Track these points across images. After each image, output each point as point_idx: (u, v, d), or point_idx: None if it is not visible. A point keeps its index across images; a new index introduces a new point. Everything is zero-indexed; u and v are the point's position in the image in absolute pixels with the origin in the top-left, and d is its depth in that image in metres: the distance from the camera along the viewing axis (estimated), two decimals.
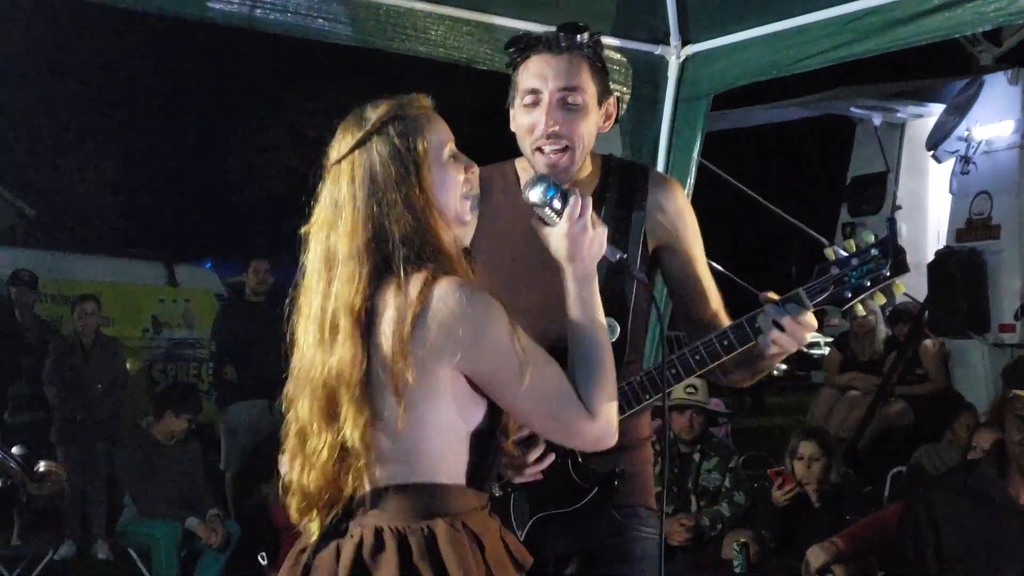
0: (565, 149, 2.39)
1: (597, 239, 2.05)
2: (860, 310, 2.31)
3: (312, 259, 1.97)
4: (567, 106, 2.37)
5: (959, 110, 8.33)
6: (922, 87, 9.18)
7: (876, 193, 9.43)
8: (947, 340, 7.80)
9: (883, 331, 7.82)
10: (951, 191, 8.42)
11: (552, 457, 2.36)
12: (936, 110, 8.81)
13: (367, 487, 1.93)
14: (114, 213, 20.57)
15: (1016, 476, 3.09)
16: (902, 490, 5.87)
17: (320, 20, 3.17)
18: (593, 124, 2.43)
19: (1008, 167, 8.04)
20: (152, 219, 19.94)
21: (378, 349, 1.87)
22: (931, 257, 8.16)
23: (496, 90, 2.59)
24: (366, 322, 1.88)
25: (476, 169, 2.06)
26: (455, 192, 1.99)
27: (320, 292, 1.93)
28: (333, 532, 1.93)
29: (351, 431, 1.86)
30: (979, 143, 8.16)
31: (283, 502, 2.00)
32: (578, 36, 2.40)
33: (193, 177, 20.42)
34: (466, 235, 2.43)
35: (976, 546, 3.10)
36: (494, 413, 1.95)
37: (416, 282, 1.86)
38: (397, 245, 1.89)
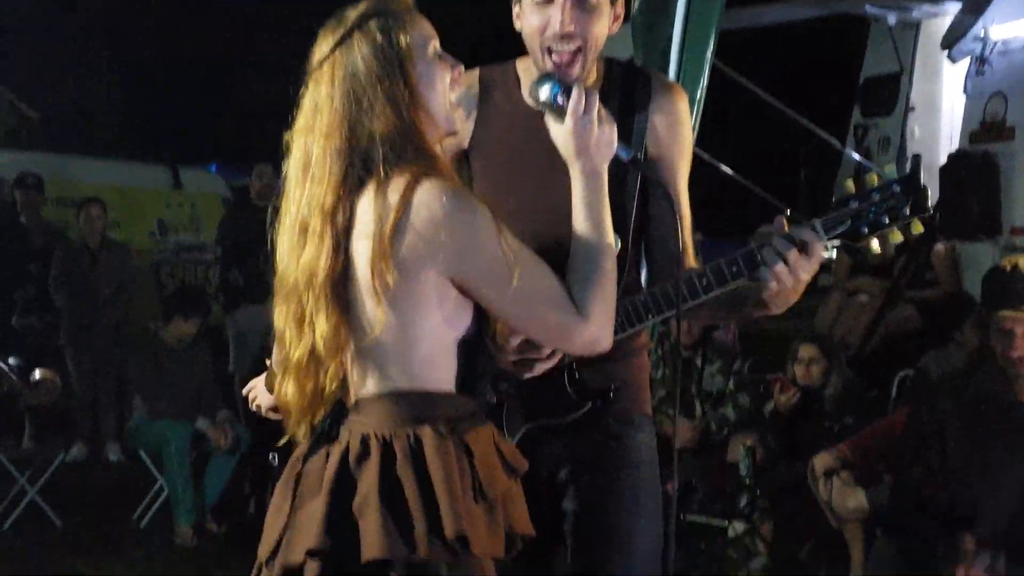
0: (577, 52, 2.30)
1: (605, 136, 1.99)
2: (875, 247, 2.25)
3: (292, 166, 1.93)
4: (582, 5, 2.28)
5: (975, 9, 8.21)
6: None
7: (889, 94, 9.33)
8: (958, 243, 7.76)
9: None
10: (965, 92, 8.32)
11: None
12: (952, 9, 8.66)
13: (356, 394, 1.92)
14: (118, 115, 20.44)
15: (1012, 378, 3.09)
16: (909, 394, 5.90)
17: None
18: (605, 26, 2.34)
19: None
20: (156, 122, 19.80)
21: (358, 254, 1.84)
22: (944, 160, 8.10)
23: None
24: (343, 224, 1.84)
25: (463, 70, 2.00)
26: (442, 90, 1.94)
27: (295, 199, 1.90)
28: (324, 438, 1.93)
29: (317, 334, 1.86)
30: (995, 43, 8.05)
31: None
32: None
33: (197, 80, 20.24)
34: (462, 139, 2.40)
35: (980, 447, 3.13)
36: (482, 317, 1.91)
37: (397, 185, 1.81)
38: (377, 144, 1.84)
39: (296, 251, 1.88)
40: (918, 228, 2.19)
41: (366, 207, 1.83)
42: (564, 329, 1.90)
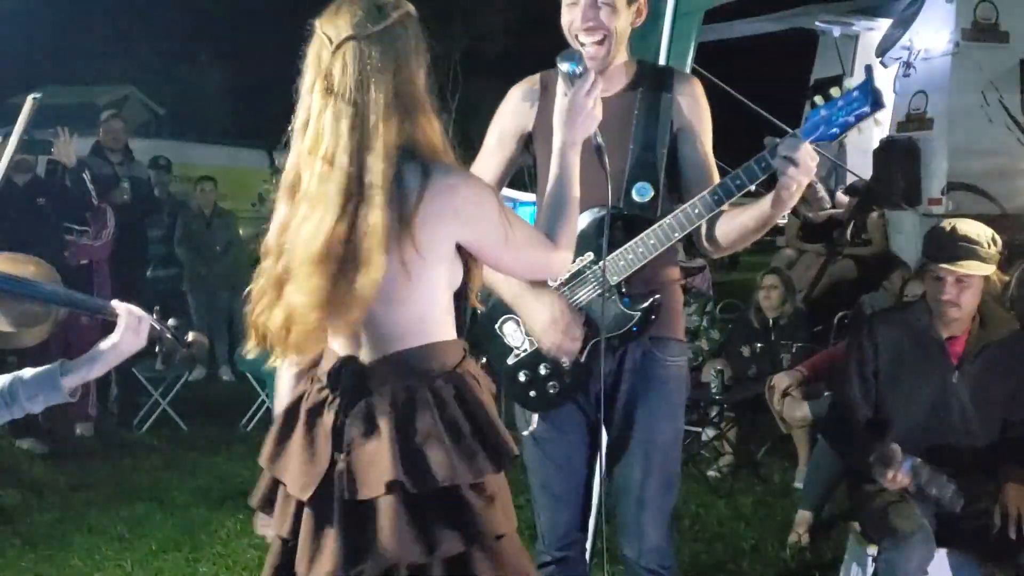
0: (602, 41, 2.29)
1: (590, 118, 1.98)
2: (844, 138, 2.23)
3: (330, 122, 1.69)
4: (598, 5, 2.28)
5: (903, 24, 8.14)
6: (873, 4, 8.90)
7: (814, 103, 9.21)
8: (887, 211, 7.70)
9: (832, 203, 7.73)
10: (895, 91, 8.22)
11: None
12: (884, 24, 8.55)
13: (382, 352, 1.76)
14: (226, 110, 20.50)
15: (937, 316, 3.08)
16: (846, 329, 5.89)
17: None
18: (625, 20, 2.32)
19: (942, 71, 7.87)
20: (256, 115, 19.80)
21: (374, 226, 1.66)
22: (877, 144, 8.03)
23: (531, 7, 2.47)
24: (376, 190, 1.66)
25: None
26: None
27: (334, 150, 1.68)
28: (356, 393, 1.75)
29: (363, 283, 1.65)
30: (919, 51, 8.00)
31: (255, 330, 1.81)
32: None
33: (288, 79, 20.17)
34: (527, 124, 2.44)
35: (904, 365, 3.11)
36: (467, 274, 1.84)
37: (416, 168, 1.69)
38: (416, 125, 1.71)
39: (349, 207, 1.67)
40: (877, 124, 2.16)
41: (391, 185, 1.67)
42: (544, 262, 1.88)
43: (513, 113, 2.46)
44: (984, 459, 3.05)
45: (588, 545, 2.71)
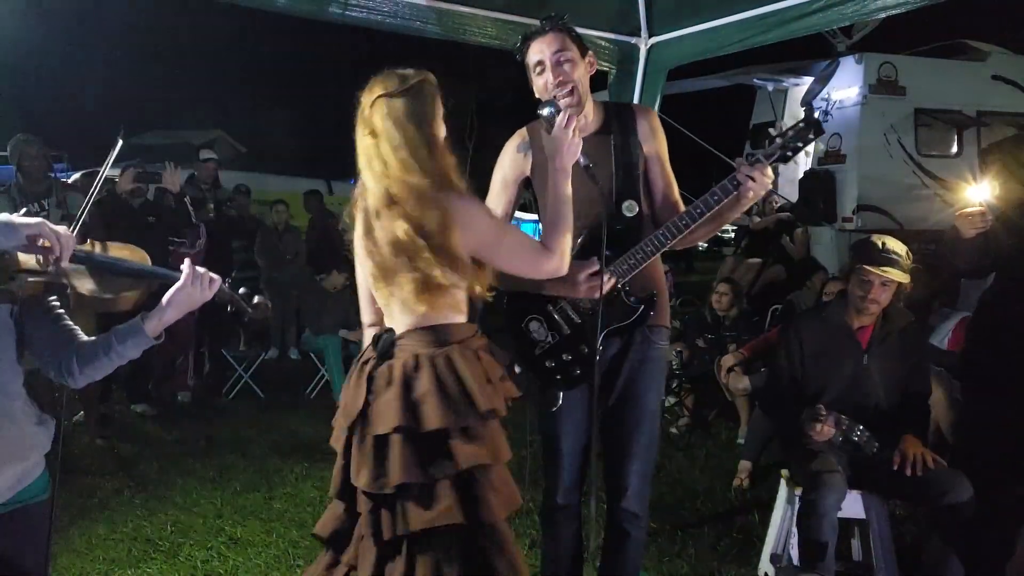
0: (572, 91, 2.25)
1: (573, 146, 1.96)
2: (799, 158, 2.23)
3: (367, 155, 1.82)
4: (563, 63, 2.25)
5: (823, 80, 8.15)
6: (799, 65, 8.88)
7: (768, 134, 9.18)
8: (810, 227, 7.70)
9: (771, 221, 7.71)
10: None
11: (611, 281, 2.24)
12: (808, 81, 8.54)
13: (404, 327, 1.83)
14: (295, 148, 20.50)
15: (852, 311, 3.07)
16: (777, 319, 5.87)
17: (417, 23, 3.04)
18: (584, 71, 2.28)
19: (853, 117, 7.85)
20: (318, 152, 19.85)
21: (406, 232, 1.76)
22: (801, 175, 8.03)
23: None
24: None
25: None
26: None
27: (379, 175, 1.79)
28: (386, 355, 1.83)
29: (433, 272, 1.78)
30: (835, 102, 7.99)
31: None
32: (552, 20, 2.30)
33: (339, 124, 20.20)
34: (524, 169, 2.39)
35: (824, 352, 3.10)
36: (475, 275, 1.85)
37: (429, 193, 1.75)
38: (431, 158, 1.78)
39: (392, 218, 1.77)
40: (818, 147, 2.16)
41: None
42: (536, 263, 1.86)
43: (511, 162, 2.42)
44: (887, 422, 3.05)
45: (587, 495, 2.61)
